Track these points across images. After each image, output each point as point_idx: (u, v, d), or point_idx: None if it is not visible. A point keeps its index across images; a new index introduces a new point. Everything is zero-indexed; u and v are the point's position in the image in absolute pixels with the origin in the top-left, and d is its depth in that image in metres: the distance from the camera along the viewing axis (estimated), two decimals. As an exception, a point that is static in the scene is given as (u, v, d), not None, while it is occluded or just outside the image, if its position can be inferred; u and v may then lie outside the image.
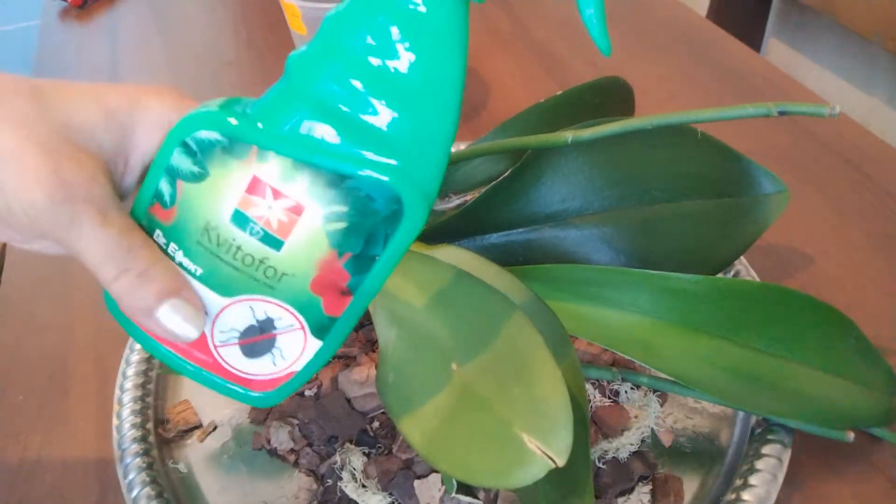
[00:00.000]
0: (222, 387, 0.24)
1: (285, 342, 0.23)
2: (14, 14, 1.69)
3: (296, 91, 0.21)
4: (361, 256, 0.22)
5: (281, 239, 0.22)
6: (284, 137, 0.21)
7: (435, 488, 0.31)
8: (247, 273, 0.22)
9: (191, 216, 0.22)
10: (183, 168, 0.22)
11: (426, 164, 0.22)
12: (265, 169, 0.21)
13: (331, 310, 0.23)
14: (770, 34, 0.93)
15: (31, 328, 0.42)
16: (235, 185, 0.22)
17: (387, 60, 0.20)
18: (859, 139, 0.52)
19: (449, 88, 0.21)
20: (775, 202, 0.34)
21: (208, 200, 0.22)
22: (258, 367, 0.24)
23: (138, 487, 0.32)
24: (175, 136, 0.22)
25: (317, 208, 0.21)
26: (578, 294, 0.32)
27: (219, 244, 0.22)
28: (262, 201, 0.22)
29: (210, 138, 0.21)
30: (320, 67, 0.21)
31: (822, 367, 0.30)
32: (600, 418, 0.34)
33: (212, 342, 0.24)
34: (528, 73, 0.62)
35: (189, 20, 0.75)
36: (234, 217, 0.22)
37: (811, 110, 0.26)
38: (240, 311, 0.23)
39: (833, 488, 0.32)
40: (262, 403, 0.25)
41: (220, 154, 0.22)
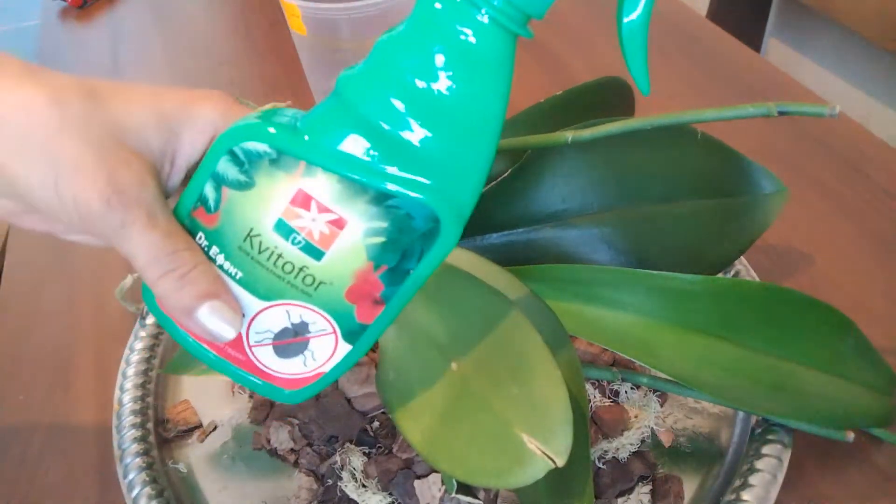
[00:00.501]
0: (252, 383, 0.25)
1: (317, 345, 0.24)
2: (14, 14, 1.69)
3: (345, 109, 0.22)
4: (396, 270, 0.23)
5: (322, 250, 0.23)
6: (332, 154, 0.22)
7: (435, 488, 0.31)
8: (286, 280, 0.23)
9: (234, 222, 0.23)
10: (229, 176, 0.23)
11: (463, 186, 0.22)
12: (311, 183, 0.22)
13: (363, 317, 0.24)
14: (770, 34, 0.93)
15: (32, 328, 0.42)
16: (281, 196, 0.22)
17: (433, 84, 0.21)
18: (859, 139, 0.52)
19: (490, 116, 0.22)
20: (775, 202, 0.34)
21: (253, 209, 0.23)
22: (289, 367, 0.25)
23: (138, 487, 0.32)
24: (223, 144, 0.23)
25: (358, 223, 0.22)
26: (578, 294, 0.32)
27: (260, 251, 0.23)
28: (307, 213, 0.22)
29: (258, 150, 0.22)
30: (370, 87, 0.22)
31: (821, 368, 0.30)
32: (600, 418, 0.34)
33: (247, 342, 0.24)
34: (528, 74, 0.62)
35: (189, 20, 0.75)
36: (277, 226, 0.23)
37: (811, 110, 0.26)
38: (276, 314, 0.24)
39: (833, 489, 0.32)
40: (290, 400, 0.25)
41: (267, 165, 0.22)
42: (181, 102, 0.24)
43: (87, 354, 0.40)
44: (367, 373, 0.35)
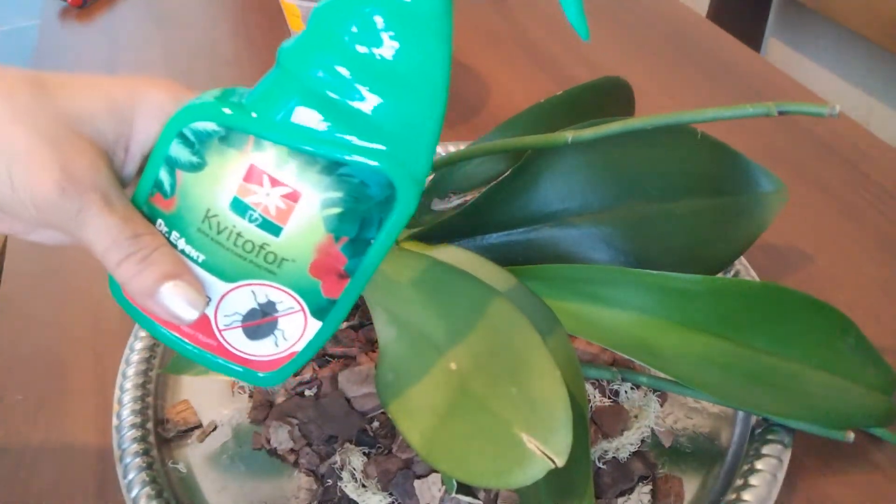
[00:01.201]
0: (227, 368, 0.25)
1: (286, 324, 0.24)
2: (13, 14, 1.69)
3: (288, 81, 0.22)
4: (357, 240, 0.23)
5: (279, 225, 0.22)
6: (279, 126, 0.22)
7: (435, 488, 0.31)
8: (248, 259, 0.23)
9: (191, 205, 0.23)
10: (181, 158, 0.23)
11: (416, 149, 0.22)
12: (261, 157, 0.22)
13: (329, 292, 0.23)
14: (770, 34, 0.93)
15: (31, 327, 0.42)
16: (233, 173, 0.22)
17: (373, 48, 0.21)
18: (859, 139, 0.52)
19: (435, 75, 0.22)
20: (774, 201, 0.34)
21: (207, 189, 0.23)
22: (261, 349, 0.25)
23: (138, 487, 0.31)
24: (172, 127, 0.23)
25: (313, 195, 0.22)
26: (578, 293, 0.32)
27: (219, 231, 0.23)
28: (260, 189, 0.22)
29: (207, 129, 0.22)
30: (310, 57, 0.22)
31: (821, 367, 0.30)
32: (600, 418, 0.34)
33: (216, 326, 0.24)
34: (528, 74, 0.62)
35: (188, 20, 0.75)
36: (233, 205, 0.23)
37: (811, 110, 0.26)
38: (242, 295, 0.24)
39: (833, 489, 0.32)
40: (267, 383, 0.25)
41: (217, 144, 0.22)
42: (130, 89, 0.24)
43: (87, 354, 0.40)
44: (367, 373, 0.35)
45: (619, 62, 0.62)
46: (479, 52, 0.65)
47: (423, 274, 0.29)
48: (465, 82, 0.61)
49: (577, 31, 0.23)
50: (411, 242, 0.35)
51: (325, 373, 0.36)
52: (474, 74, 0.62)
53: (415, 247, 0.34)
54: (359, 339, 0.37)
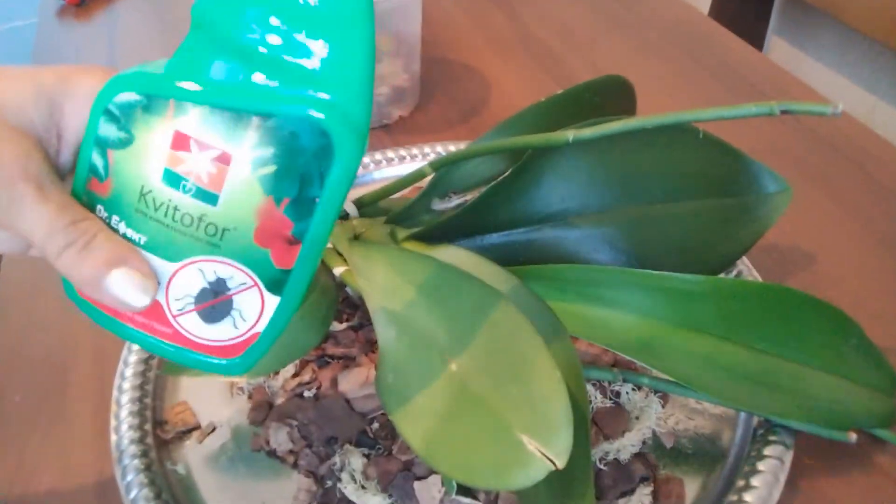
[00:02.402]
0: (188, 358, 0.24)
1: (243, 302, 0.23)
2: (11, 12, 1.69)
3: (202, 37, 0.21)
4: (300, 200, 0.21)
5: (214, 193, 0.21)
6: (198, 85, 0.21)
7: (435, 489, 0.31)
8: (188, 234, 0.22)
9: (126, 184, 0.22)
10: (110, 136, 0.22)
11: (348, 94, 0.21)
12: (185, 121, 0.21)
13: (281, 261, 0.22)
14: (772, 32, 0.93)
15: (30, 328, 0.42)
16: (160, 143, 0.21)
17: None
18: (862, 138, 0.52)
19: (359, 16, 0.20)
20: (778, 201, 0.34)
21: (138, 164, 0.22)
22: (220, 332, 0.23)
23: (136, 489, 0.31)
24: (98, 105, 0.22)
25: (244, 154, 0.21)
26: (579, 294, 0.32)
27: (156, 208, 0.22)
28: (189, 155, 0.21)
29: (129, 100, 0.21)
30: (227, 10, 0.21)
31: (824, 368, 0.30)
32: (601, 419, 0.33)
33: (169, 312, 0.23)
34: (528, 73, 0.62)
35: (186, 18, 0.75)
36: (165, 176, 0.22)
37: (814, 109, 0.26)
38: (190, 275, 0.22)
39: (835, 490, 0.32)
40: (231, 371, 0.24)
41: (140, 114, 0.21)
42: (60, 76, 0.23)
43: (85, 355, 0.40)
44: (367, 374, 0.34)
45: (620, 61, 0.62)
46: (480, 51, 0.65)
47: (423, 274, 0.29)
48: (466, 82, 0.61)
49: None
50: (411, 242, 0.35)
51: (325, 374, 0.36)
52: (475, 74, 0.62)
53: (415, 247, 0.34)
54: (359, 339, 0.37)
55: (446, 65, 0.63)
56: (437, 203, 0.38)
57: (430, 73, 0.62)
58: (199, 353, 0.24)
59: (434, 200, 0.38)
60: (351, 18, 0.20)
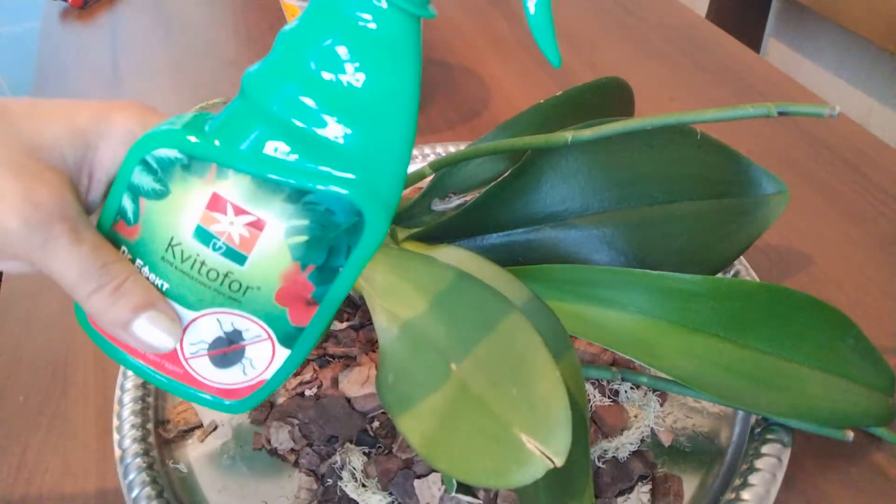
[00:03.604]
0: (195, 396, 0.25)
1: (254, 352, 0.24)
2: (15, 15, 1.69)
3: (252, 108, 0.21)
4: (324, 268, 0.22)
5: (244, 254, 0.22)
6: (241, 155, 0.21)
7: (435, 488, 0.31)
8: (212, 287, 0.23)
9: (155, 233, 0.23)
10: (144, 185, 0.22)
11: (385, 176, 0.22)
12: (225, 186, 0.22)
13: (297, 320, 0.23)
14: (770, 34, 0.93)
15: (33, 328, 0.42)
16: (196, 201, 0.22)
17: (340, 76, 0.21)
18: (859, 139, 0.52)
19: (403, 102, 0.21)
20: (775, 202, 0.34)
21: (171, 217, 0.22)
22: (229, 377, 0.24)
23: (138, 487, 0.32)
24: (135, 154, 0.22)
25: (278, 223, 0.22)
26: (578, 294, 0.32)
27: (183, 260, 0.23)
28: (224, 217, 0.22)
29: (170, 156, 0.22)
30: (276, 84, 0.21)
31: (821, 367, 0.30)
32: (600, 418, 0.34)
33: (182, 354, 0.24)
34: (528, 74, 0.62)
35: (190, 20, 0.75)
36: (197, 233, 0.22)
37: (811, 111, 0.26)
38: (208, 323, 0.23)
39: (833, 488, 0.32)
40: (235, 411, 0.25)
41: (180, 171, 0.22)
42: (96, 114, 0.23)
43: (88, 355, 0.40)
44: (368, 373, 0.35)
45: (618, 62, 0.62)
46: (480, 52, 0.65)
47: (423, 274, 0.29)
48: (466, 83, 0.61)
49: (549, 60, 0.23)
50: (411, 243, 0.35)
51: (325, 373, 0.36)
52: (475, 75, 0.62)
53: (415, 247, 0.34)
54: (359, 339, 0.37)
55: (446, 67, 0.64)
56: (438, 203, 0.38)
57: (431, 75, 0.62)
58: (205, 393, 0.25)
59: (434, 201, 0.38)
60: (398, 106, 0.21)
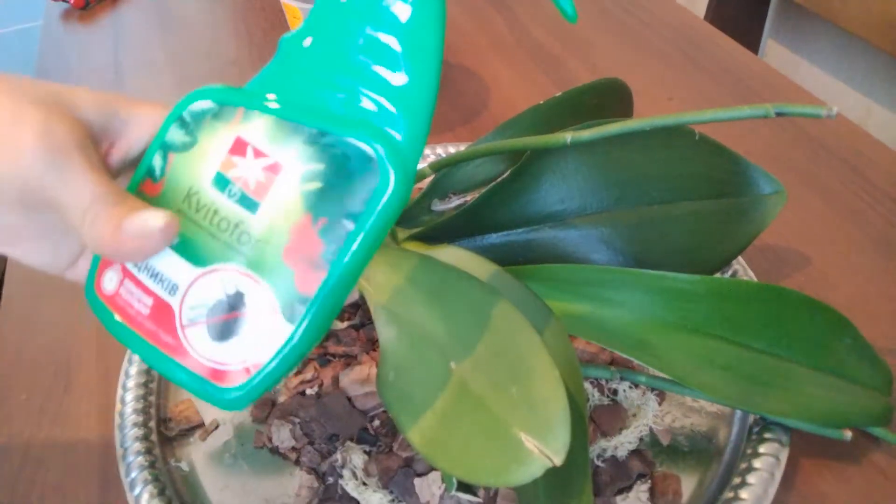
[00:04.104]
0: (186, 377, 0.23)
1: (254, 323, 0.22)
2: (16, 15, 1.69)
3: (288, 65, 0.22)
4: (337, 224, 0.22)
5: (257, 200, 0.22)
6: (270, 98, 0.22)
7: (435, 486, 0.31)
8: (221, 239, 0.22)
9: (176, 185, 0.23)
10: (176, 141, 0.23)
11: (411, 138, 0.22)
12: (248, 129, 0.22)
13: (303, 286, 0.22)
14: (768, 35, 0.94)
15: (35, 327, 0.43)
16: (220, 147, 0.22)
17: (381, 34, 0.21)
18: (857, 140, 0.52)
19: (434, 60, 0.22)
20: (773, 203, 0.35)
21: (195, 166, 0.23)
22: (224, 353, 0.23)
23: (140, 486, 0.32)
24: (176, 111, 0.23)
25: (294, 167, 0.22)
26: (577, 294, 0.32)
27: (197, 209, 0.23)
28: (243, 161, 0.22)
29: (203, 108, 0.23)
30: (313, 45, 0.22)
31: (819, 367, 0.31)
32: (599, 417, 0.34)
33: (179, 321, 0.23)
34: (527, 75, 0.62)
35: (191, 21, 0.75)
36: (216, 180, 0.22)
37: (809, 111, 0.27)
38: (210, 283, 0.23)
39: (830, 487, 0.32)
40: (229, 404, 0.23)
41: (209, 120, 0.22)
42: (134, 101, 0.25)
43: (90, 353, 0.41)
44: (368, 372, 0.35)
45: (617, 64, 0.63)
46: (480, 53, 0.65)
47: (423, 274, 0.29)
48: (466, 84, 0.61)
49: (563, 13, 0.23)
50: (411, 242, 0.35)
51: (326, 372, 0.36)
52: (475, 76, 0.62)
53: (415, 247, 0.35)
54: (360, 338, 0.37)
55: (446, 67, 0.64)
56: (438, 204, 0.38)
57: (430, 76, 0.62)
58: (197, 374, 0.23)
59: (434, 201, 0.38)
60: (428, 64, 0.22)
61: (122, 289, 0.24)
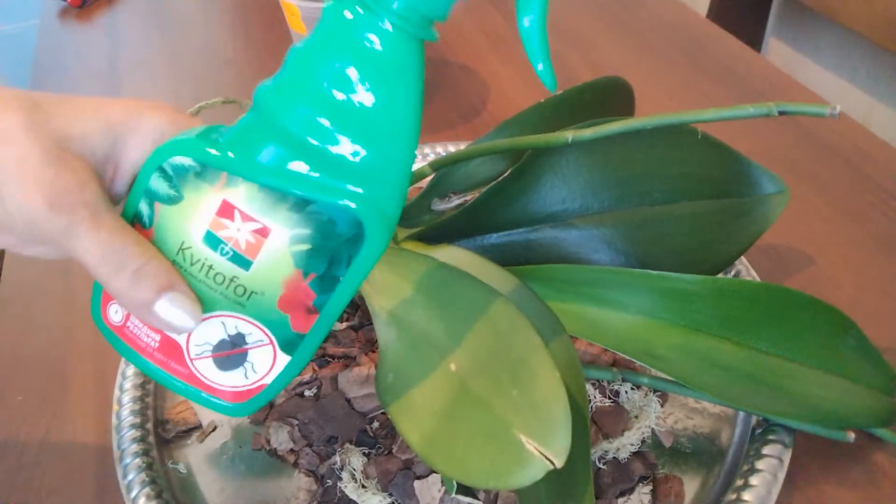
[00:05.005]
0: (197, 396, 0.26)
1: (256, 357, 0.25)
2: (13, 14, 1.69)
3: (265, 123, 0.23)
4: (326, 277, 0.23)
5: (249, 259, 0.23)
6: (251, 165, 0.23)
7: (435, 489, 0.31)
8: (218, 291, 0.24)
9: (167, 236, 0.24)
10: (160, 191, 0.24)
11: (388, 191, 0.23)
12: (234, 193, 0.23)
13: (298, 327, 0.24)
14: (770, 34, 0.93)
15: (31, 328, 0.42)
16: (207, 207, 0.23)
17: (350, 95, 0.22)
18: (860, 139, 0.52)
19: (408, 120, 0.23)
20: (776, 202, 0.34)
21: (183, 222, 0.23)
22: (231, 380, 0.25)
23: (137, 488, 0.31)
24: (153, 161, 0.24)
25: (282, 231, 0.23)
26: (578, 294, 0.32)
27: (192, 263, 0.24)
28: (232, 224, 0.23)
29: (184, 164, 0.23)
30: (290, 103, 0.22)
31: (822, 367, 0.30)
32: (600, 419, 0.33)
33: (188, 355, 0.25)
34: (528, 74, 0.62)
35: (188, 20, 0.75)
36: (206, 238, 0.23)
37: (811, 110, 0.26)
38: (213, 326, 0.24)
39: (834, 489, 0.32)
40: (235, 413, 0.26)
41: (193, 179, 0.23)
42: (128, 110, 0.25)
43: (87, 355, 0.40)
44: (367, 374, 0.35)
45: (619, 62, 0.62)
46: (480, 52, 0.65)
47: (423, 274, 0.29)
48: (466, 83, 0.61)
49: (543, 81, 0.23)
50: (411, 242, 0.35)
51: (325, 373, 0.36)
52: (475, 75, 0.62)
53: (415, 247, 0.34)
54: (359, 339, 0.37)
55: (446, 66, 0.64)
56: (438, 203, 0.38)
57: (431, 74, 0.62)
58: (206, 394, 0.26)
59: (434, 201, 0.38)
60: (402, 123, 0.22)
61: (128, 322, 0.25)
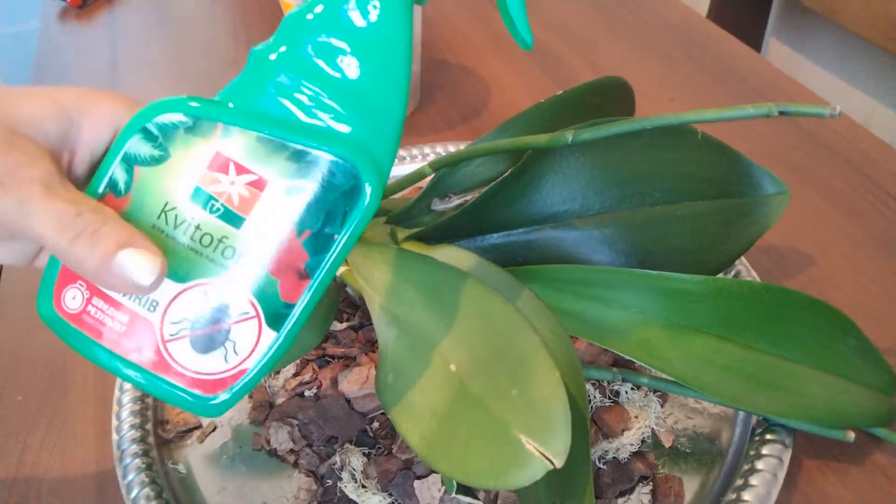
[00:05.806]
0: (168, 392, 0.23)
1: (239, 333, 0.23)
2: (13, 15, 1.69)
3: (260, 76, 0.22)
4: (320, 235, 0.22)
5: (242, 215, 0.22)
6: (250, 113, 0.22)
7: (435, 489, 0.31)
8: (204, 254, 0.22)
9: (147, 200, 0.23)
10: (142, 153, 0.22)
11: (382, 139, 0.22)
12: (229, 144, 0.22)
13: (288, 295, 0.23)
14: (770, 34, 0.93)
15: (31, 328, 0.42)
16: (197, 162, 0.22)
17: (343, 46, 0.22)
18: (860, 140, 0.52)
19: (400, 65, 0.22)
20: (776, 203, 0.34)
21: (168, 181, 0.22)
22: (208, 364, 0.23)
23: (137, 488, 0.31)
24: (136, 122, 0.23)
25: (279, 182, 0.22)
26: (578, 294, 0.32)
27: (176, 225, 0.22)
28: (225, 177, 0.22)
29: (174, 121, 0.22)
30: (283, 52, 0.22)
31: (822, 368, 0.30)
32: (600, 419, 0.33)
33: (160, 336, 0.23)
34: (528, 74, 0.62)
35: (188, 20, 0.75)
36: (195, 194, 0.22)
37: (812, 111, 0.26)
38: (193, 297, 0.23)
39: (834, 488, 0.32)
40: (207, 412, 0.23)
41: (183, 135, 0.22)
42: (82, 95, 0.24)
43: (87, 355, 0.40)
44: (367, 374, 0.35)
45: (619, 62, 0.62)
46: (481, 52, 0.65)
47: (423, 274, 0.29)
48: (466, 83, 0.61)
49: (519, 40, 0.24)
50: (411, 242, 0.35)
51: (325, 373, 0.36)
52: (475, 75, 0.62)
53: (415, 247, 0.34)
54: (359, 339, 0.37)
55: (447, 66, 0.64)
56: (438, 203, 0.38)
57: (431, 75, 0.62)
58: (180, 387, 0.23)
59: (434, 201, 0.38)
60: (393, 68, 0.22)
61: (89, 307, 0.23)
